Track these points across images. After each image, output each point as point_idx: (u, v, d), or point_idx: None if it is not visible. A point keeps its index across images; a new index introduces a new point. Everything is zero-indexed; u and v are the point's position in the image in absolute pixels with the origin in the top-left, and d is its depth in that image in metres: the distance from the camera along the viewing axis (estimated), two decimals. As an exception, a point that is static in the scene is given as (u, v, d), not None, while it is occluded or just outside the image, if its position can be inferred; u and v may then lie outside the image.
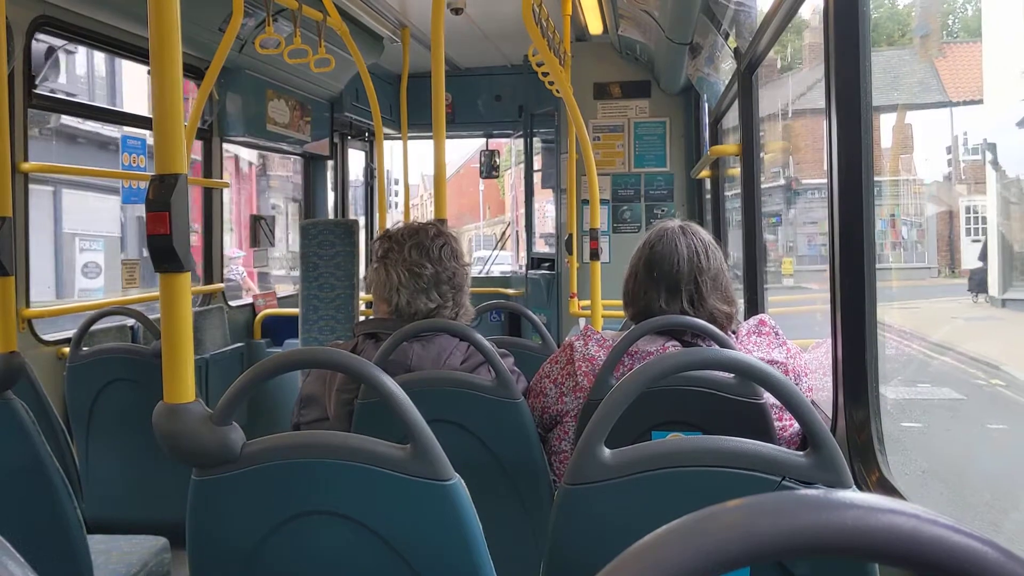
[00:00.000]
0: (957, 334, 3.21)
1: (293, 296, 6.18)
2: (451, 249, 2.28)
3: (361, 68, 5.22)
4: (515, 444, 2.14)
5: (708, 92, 5.62)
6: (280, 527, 1.38)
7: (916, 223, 3.74)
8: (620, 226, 6.91)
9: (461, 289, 2.28)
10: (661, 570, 0.45)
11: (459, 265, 2.28)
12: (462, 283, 2.28)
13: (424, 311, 2.24)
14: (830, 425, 1.93)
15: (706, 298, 2.09)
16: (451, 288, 2.26)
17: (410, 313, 2.24)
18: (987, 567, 0.44)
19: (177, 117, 1.43)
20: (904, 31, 4.03)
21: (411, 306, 2.24)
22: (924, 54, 3.48)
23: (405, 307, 2.24)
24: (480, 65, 7.79)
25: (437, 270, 2.25)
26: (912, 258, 3.67)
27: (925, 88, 3.48)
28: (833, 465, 1.25)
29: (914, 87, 3.56)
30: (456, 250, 2.29)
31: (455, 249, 2.29)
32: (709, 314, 2.08)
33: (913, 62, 3.56)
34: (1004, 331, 2.78)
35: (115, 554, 2.53)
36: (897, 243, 3.71)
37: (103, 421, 3.37)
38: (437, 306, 2.25)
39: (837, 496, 0.47)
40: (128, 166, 4.81)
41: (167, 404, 1.42)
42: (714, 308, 2.09)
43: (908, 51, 3.76)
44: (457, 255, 2.28)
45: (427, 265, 2.24)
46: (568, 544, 1.33)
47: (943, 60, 3.39)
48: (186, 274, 1.45)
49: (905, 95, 3.63)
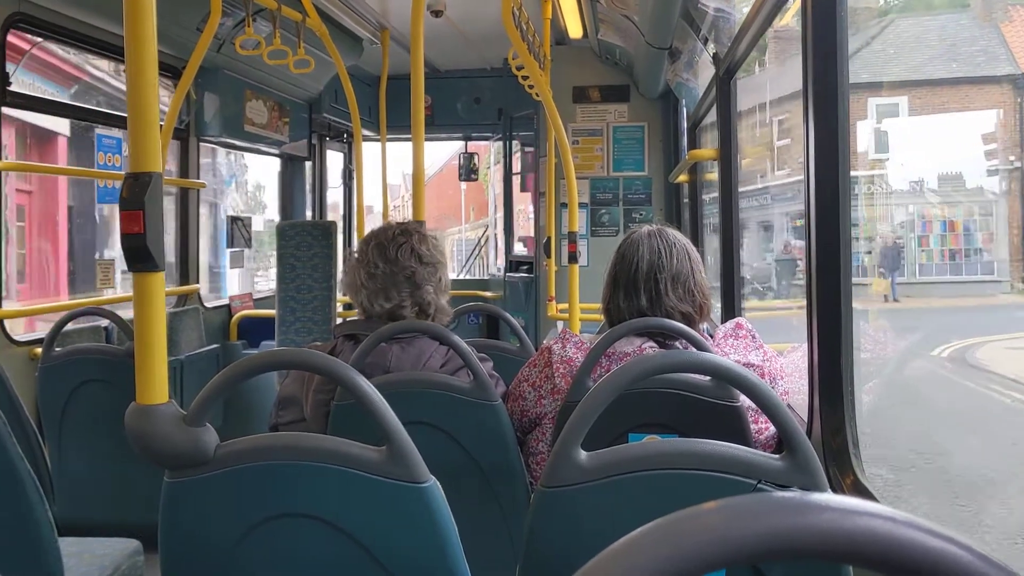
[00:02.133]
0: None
1: (270, 298, 6.15)
2: (410, 249, 2.27)
3: (340, 69, 5.21)
4: (492, 446, 2.13)
5: (687, 97, 5.65)
6: (254, 529, 1.37)
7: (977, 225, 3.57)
8: (598, 230, 6.93)
9: (421, 288, 2.25)
10: (637, 572, 0.44)
11: (419, 264, 2.26)
12: (422, 282, 2.25)
13: (385, 311, 2.24)
14: (805, 428, 1.94)
15: (663, 296, 2.09)
16: (410, 286, 2.25)
17: (376, 313, 2.25)
18: (962, 570, 0.44)
19: (152, 115, 1.41)
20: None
21: (373, 306, 2.25)
22: (986, 17, 3.30)
23: (369, 307, 2.26)
24: (460, 68, 7.79)
25: (393, 270, 2.24)
26: (972, 269, 3.49)
27: (990, 58, 3.30)
28: (808, 468, 1.25)
29: (976, 56, 3.36)
30: (417, 250, 2.27)
31: (416, 249, 2.27)
32: (666, 313, 2.08)
33: (973, 27, 3.38)
34: None
35: (87, 556, 2.50)
36: (957, 251, 3.55)
37: (75, 422, 3.33)
38: (394, 305, 2.24)
39: (813, 498, 0.47)
40: (103, 165, 4.76)
41: (139, 405, 1.40)
42: (671, 307, 2.09)
43: (966, 15, 3.57)
44: (418, 254, 2.27)
45: (379, 264, 2.25)
46: (544, 546, 1.33)
47: (1010, 24, 3.17)
48: (160, 273, 1.43)
49: (965, 66, 3.44)
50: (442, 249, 2.35)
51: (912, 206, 10.53)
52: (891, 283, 10.39)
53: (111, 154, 4.77)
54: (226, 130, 5.58)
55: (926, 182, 9.85)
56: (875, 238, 10.20)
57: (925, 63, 7.84)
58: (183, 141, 5.43)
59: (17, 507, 1.91)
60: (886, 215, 10.34)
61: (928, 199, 9.76)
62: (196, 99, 5.39)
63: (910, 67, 8.72)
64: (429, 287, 2.27)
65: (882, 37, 9.45)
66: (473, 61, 7.52)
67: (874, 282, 9.74)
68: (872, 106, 9.24)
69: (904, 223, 10.50)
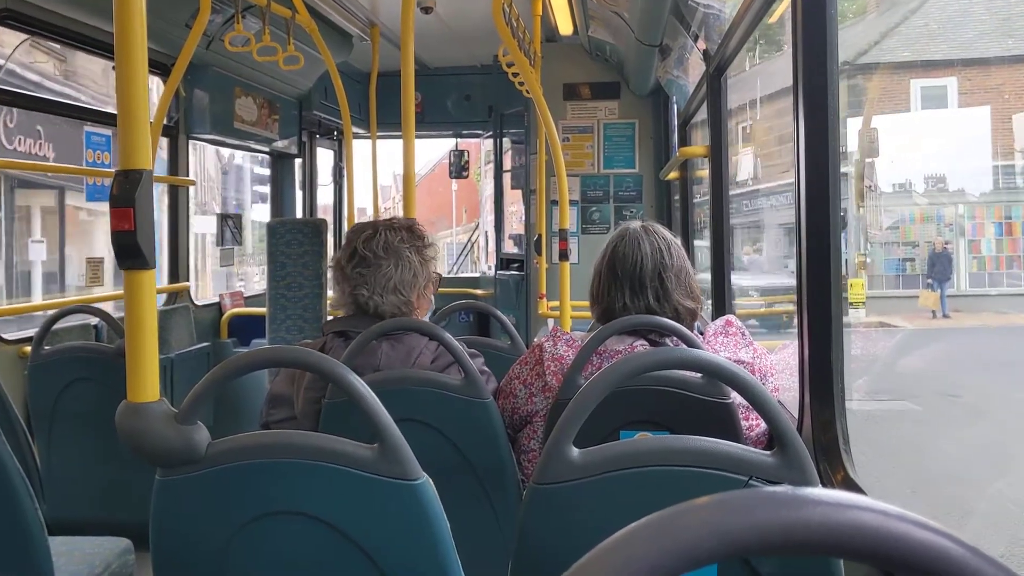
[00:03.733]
0: None
1: (260, 295, 6.13)
2: (382, 241, 2.28)
3: (330, 66, 5.20)
4: (484, 444, 2.13)
5: (677, 94, 5.66)
6: (246, 527, 1.37)
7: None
8: (589, 227, 6.94)
9: (390, 277, 2.26)
10: (630, 567, 0.45)
11: (386, 257, 2.27)
12: (391, 274, 2.26)
13: (360, 303, 2.26)
14: (796, 425, 1.95)
15: (671, 294, 2.11)
16: (379, 278, 2.26)
17: (356, 305, 2.28)
18: (951, 563, 0.44)
19: (142, 112, 1.41)
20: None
21: (354, 299, 2.27)
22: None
23: (351, 302, 2.29)
24: (450, 65, 7.78)
25: (359, 264, 2.27)
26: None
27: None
28: (799, 464, 1.26)
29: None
30: (390, 243, 2.28)
31: (389, 242, 2.28)
32: (674, 310, 2.10)
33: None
34: None
35: (77, 555, 2.49)
36: (1015, 257, 3.17)
37: (65, 421, 3.32)
38: (366, 298, 2.26)
39: (804, 493, 0.47)
40: (92, 162, 4.74)
41: (130, 403, 1.40)
42: (679, 304, 2.11)
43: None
44: (389, 247, 2.27)
45: (351, 259, 2.28)
46: (536, 543, 1.33)
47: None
48: (151, 271, 1.43)
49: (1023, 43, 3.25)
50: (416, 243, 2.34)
51: (962, 206, 9.14)
52: (940, 296, 8.93)
53: (100, 151, 4.75)
54: (216, 127, 5.56)
55: (977, 178, 8.61)
56: (918, 243, 8.88)
57: (974, 40, 7.04)
58: (172, 138, 5.41)
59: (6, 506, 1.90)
60: (932, 215, 8.99)
61: (980, 197, 8.76)
62: (185, 96, 5.38)
63: (958, 44, 7.77)
64: (398, 280, 2.27)
65: (923, 11, 8.50)
66: (463, 58, 7.51)
67: (921, 295, 8.54)
68: (916, 88, 8.10)
69: (952, 225, 9.08)
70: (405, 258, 2.29)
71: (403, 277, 2.28)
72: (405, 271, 2.28)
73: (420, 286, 2.32)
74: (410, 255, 2.30)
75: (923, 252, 8.85)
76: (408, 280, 2.28)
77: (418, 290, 2.31)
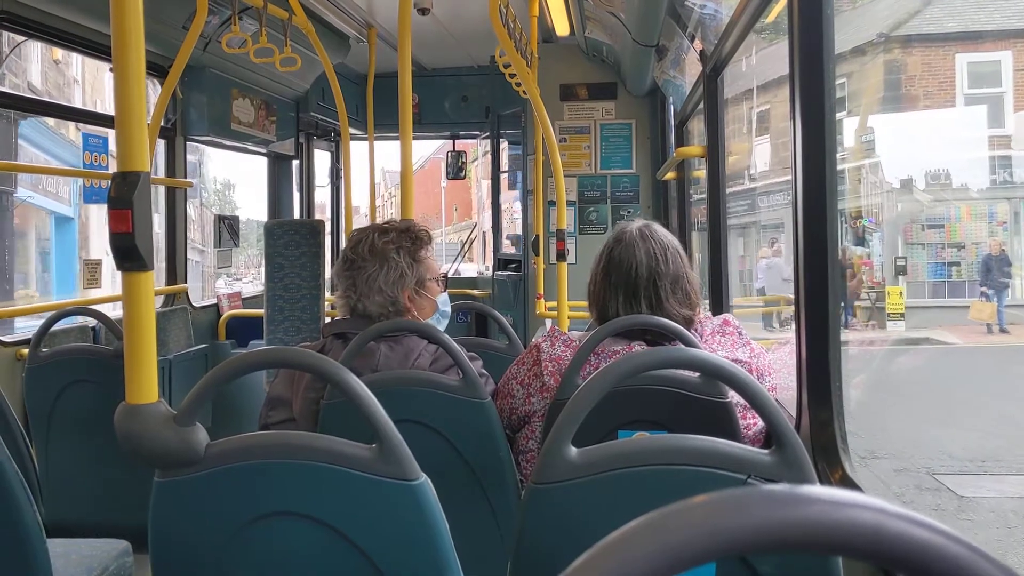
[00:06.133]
0: None
1: (258, 297, 6.13)
2: (369, 244, 2.31)
3: (327, 68, 5.19)
4: (482, 444, 2.13)
5: (674, 94, 5.66)
6: (245, 529, 1.37)
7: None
8: (586, 227, 6.94)
9: (375, 279, 2.28)
10: (628, 566, 0.45)
11: (371, 259, 2.29)
12: (375, 276, 2.28)
13: (350, 305, 2.31)
14: (794, 424, 1.95)
15: (664, 302, 2.10)
16: (362, 279, 2.29)
17: (350, 307, 2.32)
18: (951, 561, 0.44)
19: (139, 114, 1.41)
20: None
21: (346, 301, 2.32)
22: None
23: (343, 304, 2.34)
24: (447, 66, 7.78)
25: (348, 267, 2.31)
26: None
27: None
28: (797, 463, 1.26)
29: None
30: (375, 245, 2.30)
31: (374, 244, 2.31)
32: (668, 318, 2.09)
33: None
34: None
35: (75, 557, 2.49)
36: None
37: (63, 423, 3.32)
38: (354, 301, 2.30)
39: (802, 491, 0.47)
40: (90, 164, 4.74)
41: (129, 405, 1.40)
42: (673, 312, 2.10)
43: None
44: (375, 249, 2.30)
45: (343, 264, 2.33)
46: (535, 543, 1.33)
47: None
48: (149, 273, 1.43)
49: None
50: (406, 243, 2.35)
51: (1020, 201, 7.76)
52: (997, 308, 7.64)
53: (98, 153, 4.75)
54: (213, 129, 5.56)
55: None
56: (965, 244, 7.48)
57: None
58: (170, 140, 5.40)
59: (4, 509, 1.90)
60: (983, 213, 7.52)
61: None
62: (182, 98, 5.38)
63: (1013, 13, 6.50)
64: (381, 280, 2.29)
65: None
66: (460, 59, 7.51)
67: (973, 305, 7.33)
68: (962, 64, 6.75)
69: (1007, 224, 7.78)
70: (391, 259, 2.29)
71: (388, 277, 2.28)
72: (391, 271, 2.28)
73: (410, 286, 2.31)
74: (397, 256, 2.30)
75: (970, 255, 7.70)
76: (394, 280, 2.29)
77: (408, 290, 2.31)
